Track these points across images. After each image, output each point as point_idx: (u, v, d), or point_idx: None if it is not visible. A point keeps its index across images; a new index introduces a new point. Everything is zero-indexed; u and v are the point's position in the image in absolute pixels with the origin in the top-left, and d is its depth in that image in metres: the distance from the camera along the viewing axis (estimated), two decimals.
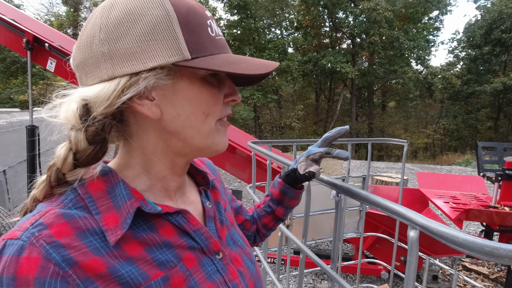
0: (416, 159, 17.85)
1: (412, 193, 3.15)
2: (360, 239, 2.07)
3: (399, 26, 16.19)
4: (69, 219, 0.36)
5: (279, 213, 0.75)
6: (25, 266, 0.32)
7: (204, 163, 0.65)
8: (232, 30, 16.07)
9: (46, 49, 3.10)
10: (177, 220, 0.44)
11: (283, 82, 16.67)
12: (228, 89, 0.46)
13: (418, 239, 0.55)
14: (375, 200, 0.65)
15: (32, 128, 3.12)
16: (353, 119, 18.55)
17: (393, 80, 18.37)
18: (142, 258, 0.39)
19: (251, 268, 0.54)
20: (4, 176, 3.97)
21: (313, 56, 17.03)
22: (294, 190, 0.72)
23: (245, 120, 16.61)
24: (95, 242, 0.37)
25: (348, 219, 2.24)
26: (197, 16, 0.41)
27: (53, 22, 17.79)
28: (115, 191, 0.41)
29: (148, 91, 0.39)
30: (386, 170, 7.96)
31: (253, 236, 0.77)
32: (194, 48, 0.40)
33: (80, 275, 0.34)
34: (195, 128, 0.43)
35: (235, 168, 2.96)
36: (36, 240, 0.33)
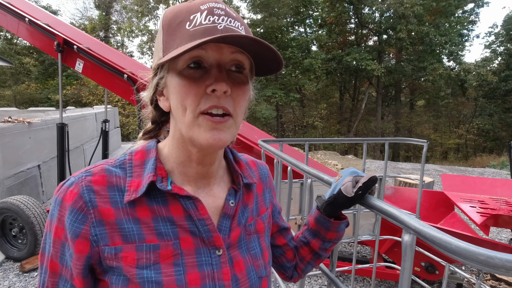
0: (446, 160, 16.94)
1: (436, 196, 3.00)
2: (376, 242, 2.01)
3: (429, 20, 15.40)
4: (108, 174, 0.47)
5: (315, 246, 0.66)
6: (68, 195, 0.45)
7: (256, 166, 0.65)
8: (256, 29, 16.09)
9: (74, 51, 3.28)
10: (187, 204, 0.48)
11: (306, 81, 16.45)
12: (210, 79, 0.44)
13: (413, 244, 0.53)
14: (370, 203, 0.61)
15: (62, 126, 3.31)
16: (379, 118, 17.94)
17: (422, 78, 17.51)
18: (146, 223, 0.46)
19: (252, 280, 0.52)
20: (39, 170, 4.26)
21: (337, 53, 16.65)
22: (330, 221, 0.63)
23: (267, 119, 16.60)
24: (117, 196, 0.46)
25: (363, 220, 2.18)
26: (180, 16, 0.45)
27: (87, 26, 18.74)
28: (148, 163, 0.49)
29: (161, 89, 0.50)
30: (412, 171, 7.63)
31: (292, 269, 0.70)
32: (166, 47, 0.45)
33: (97, 216, 0.45)
34: (179, 119, 0.47)
35: None
36: (80, 181, 0.46)
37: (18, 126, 3.79)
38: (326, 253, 0.68)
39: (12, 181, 3.62)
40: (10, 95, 16.99)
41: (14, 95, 16.93)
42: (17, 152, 3.72)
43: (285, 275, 0.72)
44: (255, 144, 2.94)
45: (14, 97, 16.88)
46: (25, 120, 4.16)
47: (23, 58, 17.17)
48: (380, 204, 0.58)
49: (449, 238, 0.43)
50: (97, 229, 0.44)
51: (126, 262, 0.44)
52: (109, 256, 0.44)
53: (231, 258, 0.51)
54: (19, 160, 3.76)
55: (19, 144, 3.77)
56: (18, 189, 3.67)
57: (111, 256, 0.44)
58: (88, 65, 3.32)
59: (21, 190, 3.75)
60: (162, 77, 0.48)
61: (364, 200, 0.60)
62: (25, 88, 17.25)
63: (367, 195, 0.59)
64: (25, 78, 17.69)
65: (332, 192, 0.62)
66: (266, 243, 0.59)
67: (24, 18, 3.41)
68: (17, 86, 17.19)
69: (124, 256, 0.44)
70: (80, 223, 0.44)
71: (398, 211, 0.54)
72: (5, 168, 3.49)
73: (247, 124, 3.33)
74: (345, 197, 0.58)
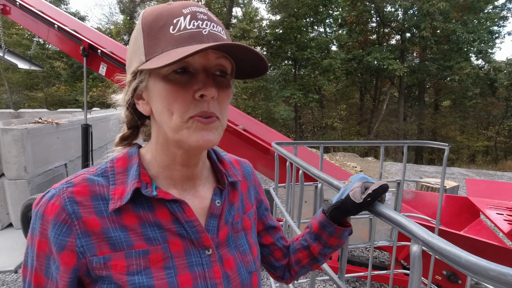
0: (474, 163, 16.12)
1: (459, 201, 2.87)
2: (393, 248, 1.96)
3: (456, 17, 14.74)
4: (90, 183, 0.47)
5: (314, 250, 0.65)
6: (49, 208, 0.44)
7: (239, 165, 0.66)
8: (274, 30, 16.07)
9: (98, 55, 3.43)
10: (173, 207, 0.48)
11: (325, 82, 16.22)
12: (198, 84, 0.44)
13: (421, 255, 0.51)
14: (378, 210, 0.59)
15: (86, 127, 3.47)
16: (401, 119, 17.37)
17: (448, 77, 16.77)
18: (134, 229, 0.46)
19: (243, 276, 0.53)
20: (66, 169, 4.48)
21: (357, 53, 16.30)
22: (335, 226, 0.61)
23: (285, 120, 16.51)
24: (102, 205, 0.46)
25: (380, 225, 2.12)
26: (161, 20, 0.44)
27: (112, 30, 19.48)
28: (131, 170, 0.49)
29: (140, 92, 0.49)
30: (435, 175, 7.32)
31: (283, 270, 0.70)
32: (149, 51, 0.45)
33: (82, 227, 0.44)
34: (164, 123, 0.46)
35: (266, 168, 2.98)
36: (61, 193, 0.45)
37: (48, 127, 4.01)
38: (324, 259, 0.67)
39: (41, 179, 3.83)
40: (41, 97, 17.97)
41: (45, 97, 17.90)
42: (46, 151, 3.93)
43: (276, 274, 0.71)
44: (271, 146, 2.95)
45: (45, 99, 17.84)
46: (54, 121, 4.39)
47: (54, 62, 18.11)
48: (389, 212, 0.57)
49: (458, 251, 0.41)
50: (82, 240, 0.44)
51: (116, 270, 0.44)
52: (98, 266, 0.44)
53: (221, 256, 0.52)
54: (47, 159, 3.98)
55: (48, 143, 3.98)
56: (46, 187, 3.88)
57: (100, 266, 0.44)
58: (111, 68, 3.46)
59: (49, 187, 3.95)
60: (141, 80, 0.47)
61: (372, 207, 0.59)
62: (55, 91, 18.18)
63: (376, 202, 0.58)
64: (56, 81, 18.65)
65: (339, 197, 0.60)
66: (254, 239, 0.60)
67: (54, 24, 3.61)
68: (48, 89, 18.16)
69: (113, 264, 0.44)
70: (65, 235, 0.43)
71: (406, 220, 0.53)
72: (35, 166, 3.70)
73: (264, 126, 3.34)
74: (352, 203, 0.57)
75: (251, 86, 14.69)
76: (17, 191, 3.55)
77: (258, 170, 3.02)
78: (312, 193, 1.95)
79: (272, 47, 16.48)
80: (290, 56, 16.50)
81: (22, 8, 3.78)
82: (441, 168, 6.76)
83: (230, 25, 16.87)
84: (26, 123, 4.10)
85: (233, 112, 3.28)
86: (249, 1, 19.70)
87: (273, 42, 16.28)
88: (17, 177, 3.52)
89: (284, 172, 1.89)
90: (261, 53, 0.45)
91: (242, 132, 2.97)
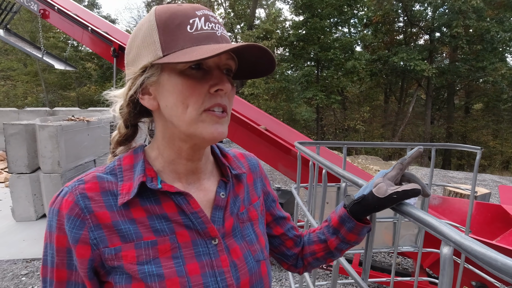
0: (508, 170, 15.15)
1: (492, 209, 2.71)
2: (418, 254, 1.89)
3: (491, 15, 13.93)
4: (100, 180, 0.50)
5: (331, 244, 0.65)
6: (64, 204, 0.47)
7: (244, 158, 0.68)
8: (297, 30, 15.96)
9: None
10: (178, 200, 0.50)
11: (348, 83, 15.89)
12: (214, 79, 0.48)
13: (452, 258, 0.50)
14: (406, 210, 0.59)
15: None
16: (428, 122, 16.66)
17: (480, 79, 15.88)
18: (142, 222, 0.49)
19: (250, 264, 0.55)
20: (94, 165, 4.71)
21: (383, 54, 15.83)
22: (354, 222, 0.61)
23: (306, 121, 16.35)
24: (111, 200, 0.49)
25: (405, 230, 2.06)
26: (178, 18, 0.47)
27: None
28: (137, 166, 0.52)
29: (146, 87, 0.50)
30: (465, 181, 6.97)
31: (295, 259, 0.70)
32: (166, 46, 0.46)
33: (94, 221, 0.47)
34: (178, 117, 0.48)
35: (287, 169, 2.98)
36: (74, 190, 0.48)
37: (79, 124, 4.24)
38: (340, 254, 0.67)
39: (72, 173, 4.05)
40: (74, 97, 18.99)
41: (77, 96, 18.90)
42: (77, 147, 4.15)
43: (288, 264, 0.71)
44: (292, 146, 2.94)
45: (77, 98, 18.83)
46: (85, 119, 4.63)
47: (85, 63, 19.08)
48: (417, 213, 0.55)
49: (494, 253, 0.40)
50: (95, 233, 0.46)
51: (126, 260, 0.46)
52: (110, 257, 0.47)
53: (227, 246, 0.53)
54: (78, 154, 4.20)
55: (79, 140, 4.20)
56: None
57: (112, 257, 0.47)
58: None
59: None
60: (152, 74, 0.48)
61: (398, 206, 0.58)
62: (86, 90, 19.15)
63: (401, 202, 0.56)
64: (87, 81, 19.65)
65: (362, 192, 0.60)
66: (261, 229, 0.61)
67: (88, 27, 3.81)
68: (80, 88, 19.17)
69: (124, 255, 0.47)
70: (79, 228, 0.46)
71: (436, 221, 0.51)
72: (67, 161, 3.92)
73: (286, 126, 3.33)
74: (375, 199, 0.56)
75: (273, 87, 14.68)
76: (51, 184, 3.77)
77: (279, 170, 3.02)
78: (334, 194, 1.93)
79: (295, 48, 16.39)
80: (313, 57, 16.31)
81: (60, 12, 4.03)
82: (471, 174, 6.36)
83: (253, 26, 16.97)
84: (60, 120, 4.35)
85: (255, 112, 3.30)
86: (272, 2, 19.72)
87: (296, 43, 16.18)
88: (51, 170, 3.75)
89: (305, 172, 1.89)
90: (275, 58, 0.49)
91: (264, 131, 2.99)
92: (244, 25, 17.06)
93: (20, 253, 3.14)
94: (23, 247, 3.25)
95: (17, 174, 3.86)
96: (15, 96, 18.08)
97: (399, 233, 1.94)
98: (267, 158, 3.00)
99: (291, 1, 16.61)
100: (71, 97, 19.05)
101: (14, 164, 3.85)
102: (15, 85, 18.42)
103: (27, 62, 17.99)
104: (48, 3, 4.09)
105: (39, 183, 3.90)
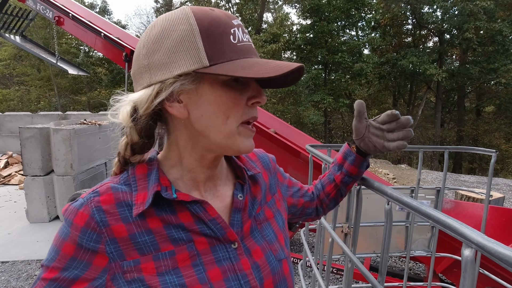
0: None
1: (506, 214, 2.65)
2: (431, 259, 1.87)
3: (503, 16, 13.72)
4: (115, 191, 0.48)
5: (337, 179, 0.74)
6: (79, 217, 0.46)
7: (256, 156, 0.67)
8: (305, 34, 15.99)
9: None
10: (194, 208, 0.49)
11: (356, 86, 15.81)
12: (252, 92, 0.48)
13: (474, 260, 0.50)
14: (425, 211, 0.60)
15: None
16: (438, 125, 16.42)
17: (492, 81, 15.59)
18: (159, 232, 0.48)
19: (273, 264, 0.55)
20: (105, 167, 4.79)
21: (391, 56, 15.71)
22: (354, 154, 0.71)
23: (314, 124, 16.30)
24: (127, 211, 0.47)
25: (417, 234, 2.03)
26: (220, 26, 0.45)
27: None
28: (151, 175, 0.50)
29: (176, 95, 0.46)
30: (477, 185, 6.83)
31: (315, 210, 0.78)
32: (213, 55, 0.44)
33: (109, 234, 0.46)
34: (216, 128, 0.47)
35: (297, 172, 2.98)
36: (89, 202, 0.47)
37: (91, 128, 4.32)
38: (346, 189, 0.76)
39: (85, 176, 4.13)
40: (85, 101, 19.37)
41: (88, 100, 19.27)
42: (89, 150, 4.23)
43: (311, 217, 0.79)
44: (302, 149, 2.94)
45: (88, 102, 19.20)
46: (97, 122, 4.72)
47: (96, 68, 19.48)
48: (437, 214, 0.55)
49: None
50: (112, 247, 0.46)
51: (147, 272, 0.46)
52: (129, 269, 0.46)
53: (248, 248, 0.53)
54: (90, 157, 4.28)
55: (91, 143, 4.29)
56: (88, 183, 4.17)
57: (131, 269, 0.46)
58: None
59: (91, 184, 4.25)
60: (190, 82, 0.45)
61: (418, 208, 0.60)
62: (97, 95, 19.52)
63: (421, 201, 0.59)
64: (97, 85, 20.03)
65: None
66: (280, 226, 0.62)
67: (100, 33, 3.90)
68: (91, 93, 19.55)
69: (143, 267, 0.46)
70: (96, 242, 0.45)
71: (458, 223, 0.51)
72: (80, 164, 4.00)
73: (295, 130, 3.34)
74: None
75: (280, 90, 14.71)
76: (64, 186, 3.85)
77: (290, 173, 3.02)
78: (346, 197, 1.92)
79: (302, 51, 16.40)
80: (321, 60, 16.30)
81: (74, 19, 4.13)
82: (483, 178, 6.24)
83: (261, 30, 17.07)
84: (73, 124, 4.45)
85: (265, 115, 3.32)
86: (280, 6, 19.82)
87: (304, 47, 16.19)
88: (64, 173, 3.83)
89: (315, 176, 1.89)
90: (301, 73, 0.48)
91: (273, 135, 3.00)
92: (251, 29, 17.18)
93: (34, 254, 3.21)
94: (37, 248, 3.32)
95: (31, 176, 3.95)
96: (29, 101, 18.55)
97: (412, 237, 1.92)
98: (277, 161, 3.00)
99: (298, 5, 16.66)
100: (82, 101, 19.44)
101: (29, 166, 3.95)
102: (29, 90, 18.91)
103: (40, 67, 18.45)
104: (63, 11, 4.21)
105: (53, 185, 3.99)
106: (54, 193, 4.01)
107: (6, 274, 2.88)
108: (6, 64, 17.96)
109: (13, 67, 18.31)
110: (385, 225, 0.78)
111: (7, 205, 4.70)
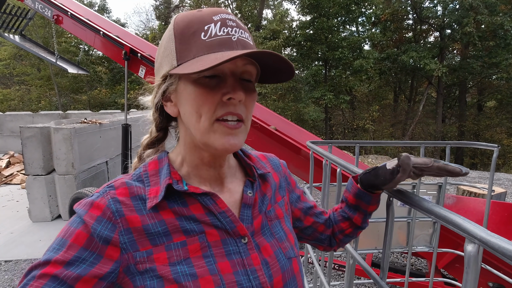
0: None
1: (508, 208, 2.65)
2: (433, 255, 1.87)
3: (504, 10, 13.60)
4: (129, 185, 0.51)
5: (357, 220, 0.69)
6: (95, 207, 0.48)
7: (266, 158, 0.68)
8: (305, 30, 15.90)
9: (138, 58, 3.64)
10: (205, 200, 0.51)
11: (357, 82, 15.74)
12: (227, 87, 0.47)
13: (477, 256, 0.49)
14: (427, 207, 0.60)
15: (126, 126, 3.69)
16: (439, 121, 16.36)
17: (493, 76, 15.50)
18: (171, 223, 0.49)
19: (282, 262, 0.55)
20: (106, 166, 4.79)
21: (392, 52, 15.62)
22: (370, 195, 0.66)
23: (315, 121, 16.27)
24: (141, 205, 0.50)
25: (419, 230, 2.03)
26: (193, 26, 0.47)
27: (148, 36, 20.50)
28: (162, 171, 0.53)
29: (169, 95, 0.52)
30: (479, 180, 6.82)
31: (328, 240, 0.74)
32: (181, 56, 0.47)
33: (124, 224, 0.47)
34: (193, 125, 0.49)
35: (298, 168, 2.97)
36: (105, 194, 0.49)
37: (92, 127, 4.32)
38: (367, 223, 0.72)
39: (86, 175, 4.13)
40: (85, 100, 19.35)
41: (88, 99, 19.25)
42: (90, 149, 4.24)
43: (323, 245, 0.75)
44: (303, 146, 2.93)
45: (88, 101, 19.18)
46: (98, 121, 4.72)
47: (96, 67, 19.43)
48: (440, 210, 0.55)
49: None
50: (125, 237, 0.47)
51: (159, 262, 0.47)
52: (142, 260, 0.46)
53: (258, 244, 0.53)
54: (91, 156, 4.28)
55: (92, 142, 4.29)
56: (90, 182, 4.18)
57: (144, 259, 0.47)
58: (149, 70, 3.65)
59: (92, 183, 4.26)
60: (171, 83, 0.50)
61: (420, 203, 0.59)
62: (97, 93, 19.49)
63: (424, 199, 0.58)
64: (98, 84, 20.00)
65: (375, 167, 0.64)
66: (288, 227, 0.62)
67: (99, 31, 3.89)
68: (91, 92, 19.52)
69: (156, 257, 0.47)
70: (110, 231, 0.46)
71: (460, 218, 0.51)
72: (81, 163, 4.00)
73: (295, 126, 3.33)
74: (384, 170, 0.60)
75: (281, 87, 14.67)
76: (65, 185, 3.86)
77: (290, 170, 3.00)
78: None
79: (302, 48, 16.32)
80: (321, 56, 16.22)
81: (73, 17, 4.12)
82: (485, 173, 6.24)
83: (260, 27, 16.99)
84: (74, 123, 4.45)
85: (265, 112, 3.31)
86: (279, 2, 19.71)
87: (303, 43, 16.11)
88: (66, 172, 3.84)
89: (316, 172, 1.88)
90: (288, 59, 0.47)
91: (274, 132, 3.00)
92: (251, 26, 17.09)
93: (37, 253, 3.22)
94: (39, 247, 3.34)
95: (33, 176, 3.96)
96: (30, 100, 18.54)
97: (413, 233, 1.92)
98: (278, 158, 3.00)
99: (298, 1, 16.56)
100: (82, 100, 19.42)
101: (30, 166, 3.95)
102: (29, 89, 18.89)
103: (40, 67, 18.43)
104: (62, 9, 4.19)
105: (54, 184, 4.00)
106: (55, 192, 4.02)
107: (9, 272, 2.90)
108: (6, 64, 17.93)
109: (13, 66, 18.28)
110: (386, 221, 0.77)
111: (9, 204, 4.72)
